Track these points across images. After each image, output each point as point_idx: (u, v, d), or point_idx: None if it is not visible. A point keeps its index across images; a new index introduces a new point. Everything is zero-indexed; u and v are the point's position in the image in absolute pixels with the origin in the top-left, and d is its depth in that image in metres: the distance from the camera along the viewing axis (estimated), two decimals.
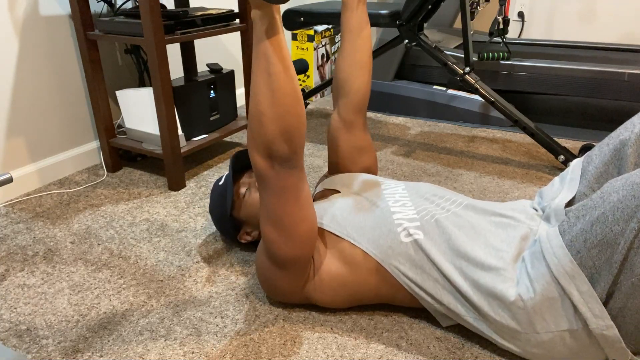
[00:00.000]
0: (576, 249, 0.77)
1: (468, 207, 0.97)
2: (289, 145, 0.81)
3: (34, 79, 1.50)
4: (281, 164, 0.83)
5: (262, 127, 0.81)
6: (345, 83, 1.15)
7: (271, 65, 0.78)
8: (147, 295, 1.07)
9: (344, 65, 1.15)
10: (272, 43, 0.78)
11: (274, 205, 0.87)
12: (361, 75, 1.14)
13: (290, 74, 0.79)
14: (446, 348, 0.91)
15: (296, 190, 0.86)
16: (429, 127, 2.11)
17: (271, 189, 0.86)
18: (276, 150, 0.82)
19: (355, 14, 1.13)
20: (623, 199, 0.74)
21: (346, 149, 1.18)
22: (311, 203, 0.90)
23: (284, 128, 0.80)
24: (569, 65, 2.01)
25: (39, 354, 0.91)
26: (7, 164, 1.49)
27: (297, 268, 0.92)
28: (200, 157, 1.82)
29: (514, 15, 3.04)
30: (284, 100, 0.79)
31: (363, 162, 1.20)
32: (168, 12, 1.47)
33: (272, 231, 0.89)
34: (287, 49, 0.80)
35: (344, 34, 1.15)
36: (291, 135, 0.81)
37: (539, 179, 1.61)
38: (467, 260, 0.87)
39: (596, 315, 0.76)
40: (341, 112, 1.17)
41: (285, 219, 0.87)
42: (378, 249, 0.93)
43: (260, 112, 0.80)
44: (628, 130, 0.91)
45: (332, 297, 0.97)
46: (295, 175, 0.85)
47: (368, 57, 1.15)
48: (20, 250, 1.23)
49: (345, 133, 1.18)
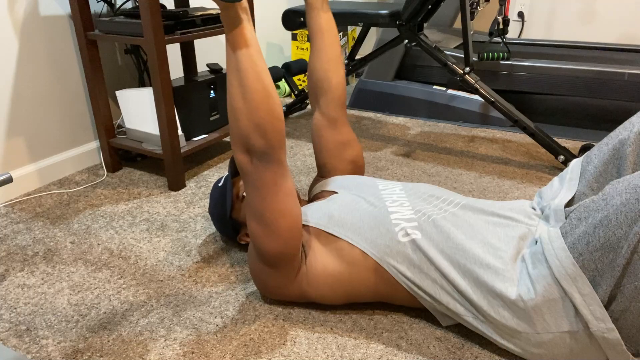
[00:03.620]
0: (578, 251, 0.77)
1: (466, 207, 0.98)
2: (264, 139, 0.85)
3: (33, 79, 1.50)
4: (259, 158, 0.87)
5: (236, 122, 0.85)
6: (324, 81, 1.18)
7: (239, 63, 0.84)
8: (147, 295, 1.07)
9: (319, 64, 1.17)
10: (239, 41, 0.84)
11: (255, 200, 0.90)
12: (337, 70, 1.18)
13: (257, 69, 0.84)
14: (446, 348, 0.91)
15: (276, 185, 0.89)
16: (429, 127, 2.11)
17: (252, 183, 0.89)
18: (252, 144, 0.86)
19: (322, 13, 1.16)
20: (626, 202, 0.73)
21: (333, 147, 1.21)
22: (294, 198, 0.92)
23: (256, 123, 0.84)
24: (569, 65, 2.01)
25: (39, 354, 0.91)
26: (7, 164, 1.49)
27: (283, 264, 0.94)
28: (200, 157, 1.82)
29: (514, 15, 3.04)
30: (254, 95, 0.84)
31: (349, 156, 1.22)
32: (168, 12, 1.47)
33: (256, 226, 0.92)
34: (256, 47, 0.85)
35: (313, 34, 1.18)
36: (265, 130, 0.85)
37: (539, 179, 1.61)
38: (465, 258, 0.87)
39: (597, 318, 0.76)
40: (323, 110, 1.19)
41: (267, 213, 0.90)
42: (376, 249, 0.93)
43: (233, 107, 0.85)
44: (627, 130, 0.91)
45: (329, 293, 0.97)
46: (274, 170, 0.88)
47: (340, 53, 1.19)
48: (20, 250, 1.23)
49: (330, 130, 1.20)
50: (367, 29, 2.11)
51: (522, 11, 3.01)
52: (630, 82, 1.90)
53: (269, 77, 0.86)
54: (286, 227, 0.90)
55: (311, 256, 0.96)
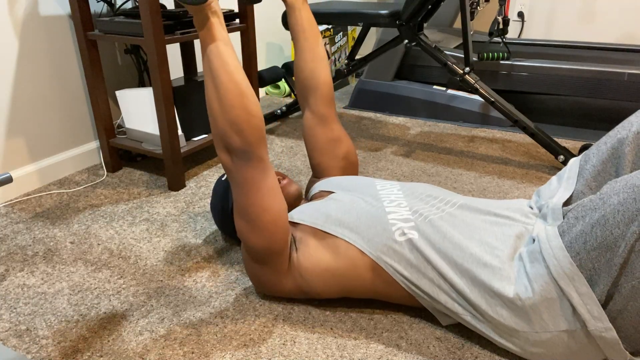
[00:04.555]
0: (576, 250, 0.77)
1: (463, 206, 0.98)
2: (240, 137, 0.87)
3: (33, 79, 1.51)
4: (239, 156, 0.89)
5: (214, 121, 0.88)
6: (311, 80, 1.19)
7: (211, 63, 0.87)
8: (147, 295, 1.07)
9: (305, 63, 1.19)
10: (209, 43, 0.88)
11: (239, 197, 0.92)
12: (323, 68, 1.20)
13: (229, 69, 0.86)
14: (446, 348, 0.92)
15: (256, 182, 0.90)
16: (429, 127, 2.11)
17: (235, 181, 0.91)
18: (230, 143, 0.88)
19: (303, 12, 1.18)
20: (624, 202, 0.73)
21: (325, 144, 1.23)
22: (277, 194, 0.93)
23: (231, 121, 0.87)
24: (569, 65, 2.01)
25: (39, 354, 0.91)
26: (7, 164, 1.49)
27: (271, 259, 0.95)
28: (200, 157, 1.82)
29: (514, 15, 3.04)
30: (227, 94, 0.86)
31: (341, 152, 1.24)
32: (168, 12, 1.47)
33: (241, 223, 0.94)
34: (227, 47, 0.88)
35: (296, 34, 1.20)
36: (240, 128, 0.87)
37: (539, 179, 1.61)
38: (462, 258, 0.87)
39: (595, 317, 0.76)
40: (313, 108, 1.21)
41: (250, 209, 0.92)
42: (373, 247, 0.94)
43: (210, 107, 0.88)
44: (625, 129, 0.91)
45: (322, 287, 0.97)
46: (254, 167, 0.90)
47: (324, 50, 1.21)
48: (20, 250, 1.23)
49: (321, 128, 1.22)
50: (367, 29, 2.11)
51: (522, 11, 3.01)
52: (630, 82, 1.90)
53: (242, 75, 0.88)
54: (269, 221, 0.92)
55: (305, 251, 0.97)
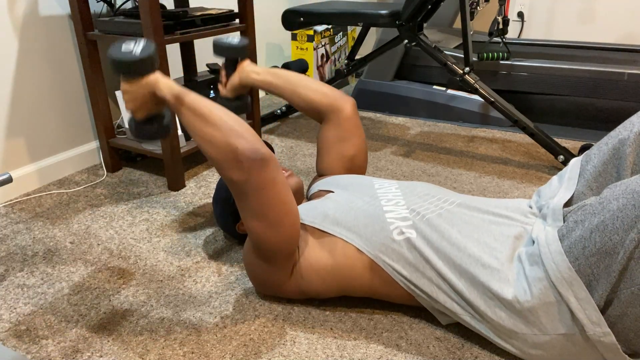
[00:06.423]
0: (574, 255, 0.77)
1: (461, 205, 0.97)
2: (244, 139, 0.86)
3: (33, 79, 1.50)
4: (250, 160, 0.86)
5: (212, 144, 0.87)
6: (319, 103, 1.20)
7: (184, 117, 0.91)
8: (147, 295, 1.07)
9: (303, 98, 1.19)
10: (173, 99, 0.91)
11: (256, 204, 0.89)
12: (323, 86, 1.21)
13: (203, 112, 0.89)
14: (446, 348, 0.91)
15: (274, 179, 0.88)
16: (429, 127, 2.11)
17: (253, 189, 0.87)
18: (237, 147, 0.86)
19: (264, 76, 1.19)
20: (623, 208, 0.73)
21: (333, 141, 1.22)
22: (288, 188, 0.92)
23: (230, 131, 0.87)
24: (569, 65, 2.01)
25: (39, 354, 0.91)
26: (7, 164, 1.49)
27: (281, 259, 0.94)
28: (200, 157, 1.82)
29: (514, 15, 3.04)
30: (218, 123, 0.88)
31: (348, 152, 1.22)
32: (168, 12, 1.47)
33: (258, 224, 0.90)
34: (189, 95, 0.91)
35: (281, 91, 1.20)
36: (241, 132, 0.87)
37: (539, 179, 1.61)
38: (461, 258, 0.87)
39: (593, 322, 0.76)
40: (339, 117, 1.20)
41: (269, 209, 0.90)
42: (371, 246, 0.93)
43: (202, 138, 0.89)
44: (627, 130, 0.91)
45: (321, 286, 0.97)
46: (268, 165, 0.87)
47: (307, 77, 1.23)
48: (20, 250, 1.23)
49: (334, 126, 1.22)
50: (367, 29, 2.11)
51: (521, 11, 3.01)
52: (630, 82, 1.90)
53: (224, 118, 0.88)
54: (290, 223, 0.91)
55: (304, 250, 0.97)
